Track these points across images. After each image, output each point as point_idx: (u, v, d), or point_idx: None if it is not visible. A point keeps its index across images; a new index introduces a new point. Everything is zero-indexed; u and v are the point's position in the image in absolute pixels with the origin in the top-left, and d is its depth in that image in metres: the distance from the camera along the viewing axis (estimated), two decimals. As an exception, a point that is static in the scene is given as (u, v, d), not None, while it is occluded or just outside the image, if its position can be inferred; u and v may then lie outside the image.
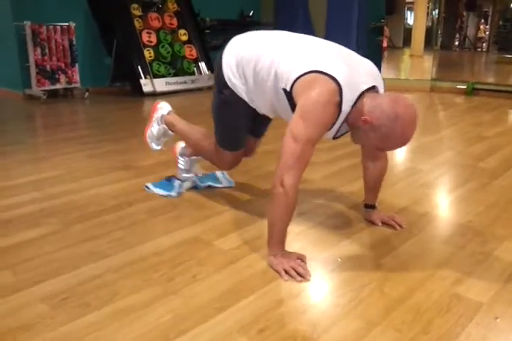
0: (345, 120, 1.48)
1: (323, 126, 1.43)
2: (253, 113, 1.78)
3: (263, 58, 1.59)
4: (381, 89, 1.52)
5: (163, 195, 2.08)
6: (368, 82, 1.47)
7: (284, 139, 1.43)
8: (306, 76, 1.45)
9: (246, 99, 1.71)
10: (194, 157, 2.17)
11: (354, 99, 1.43)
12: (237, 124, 1.84)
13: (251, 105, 1.73)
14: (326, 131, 1.46)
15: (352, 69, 1.47)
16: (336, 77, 1.41)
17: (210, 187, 2.18)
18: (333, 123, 1.46)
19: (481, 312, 1.25)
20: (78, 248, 1.60)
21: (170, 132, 2.13)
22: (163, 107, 2.16)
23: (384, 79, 1.57)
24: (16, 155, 2.72)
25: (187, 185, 2.16)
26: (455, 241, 1.68)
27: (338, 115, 1.44)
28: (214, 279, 1.41)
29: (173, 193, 2.07)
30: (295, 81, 1.47)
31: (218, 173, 2.30)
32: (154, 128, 2.15)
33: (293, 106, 1.49)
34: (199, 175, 2.22)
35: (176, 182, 2.15)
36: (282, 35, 1.67)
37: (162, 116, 2.13)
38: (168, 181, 2.20)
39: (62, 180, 2.29)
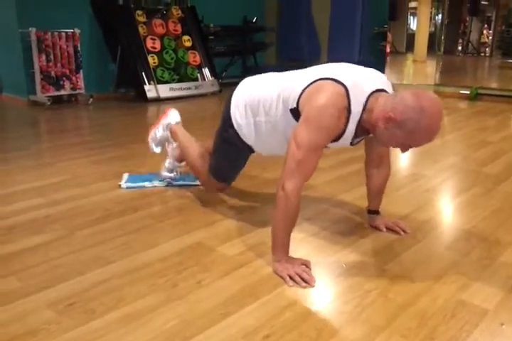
0: (360, 124, 1.46)
1: (328, 132, 1.42)
2: (251, 153, 1.84)
3: (270, 94, 1.62)
4: (390, 92, 1.51)
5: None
6: (376, 84, 1.46)
7: (288, 144, 1.44)
8: (310, 86, 1.46)
9: (248, 141, 1.76)
10: (181, 163, 2.24)
11: (364, 100, 1.42)
12: (233, 162, 1.91)
13: (254, 148, 1.79)
14: (331, 136, 1.44)
15: (358, 74, 1.48)
16: (341, 80, 1.41)
17: (182, 186, 2.24)
18: (344, 128, 1.45)
19: (487, 319, 1.25)
20: (83, 254, 1.61)
21: (171, 140, 2.19)
22: (173, 116, 2.22)
23: (410, 89, 1.56)
24: (20, 161, 2.74)
25: (162, 183, 2.26)
26: (460, 246, 1.68)
27: (348, 119, 1.43)
28: (219, 285, 1.42)
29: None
30: (301, 94, 1.47)
31: None
32: (159, 132, 2.22)
33: None
34: (177, 176, 2.28)
35: (147, 179, 2.29)
36: (290, 72, 1.69)
37: (169, 124, 2.19)
38: (143, 176, 2.34)
39: (66, 186, 2.30)
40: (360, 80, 1.45)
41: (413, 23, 6.96)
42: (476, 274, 1.48)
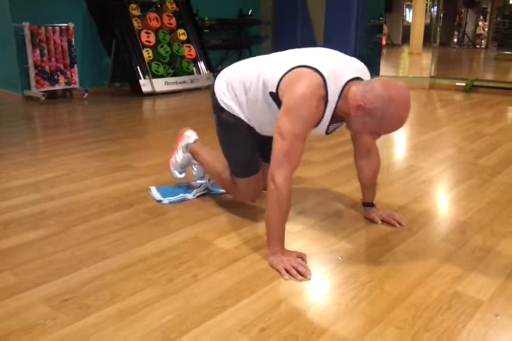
0: (335, 112, 1.48)
1: (309, 121, 1.43)
2: (256, 134, 1.79)
3: (250, 74, 1.63)
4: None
5: (155, 200, 2.03)
6: (352, 72, 1.48)
7: (273, 136, 1.45)
8: (289, 73, 1.47)
9: (243, 117, 1.73)
10: None
11: (340, 89, 1.44)
12: (242, 147, 1.81)
13: (249, 124, 1.74)
14: (312, 125, 1.46)
15: (336, 63, 1.49)
16: (319, 69, 1.42)
17: (223, 193, 2.10)
18: (321, 117, 1.47)
19: (482, 310, 1.25)
20: (79, 249, 1.61)
21: (194, 161, 2.08)
22: (190, 136, 2.12)
23: (383, 77, 1.57)
24: (15, 157, 2.72)
25: (199, 191, 2.10)
26: (455, 238, 1.68)
27: (325, 107, 1.45)
28: (215, 279, 1.42)
29: (165, 200, 2.02)
30: (280, 80, 1.49)
31: None
32: (179, 156, 2.11)
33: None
34: (211, 181, 2.14)
35: (182, 191, 2.10)
36: (268, 55, 1.69)
37: (188, 144, 2.09)
38: (174, 188, 2.15)
39: (62, 181, 2.29)
40: (337, 68, 1.46)
41: (409, 15, 6.93)
42: (471, 266, 1.48)
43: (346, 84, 1.44)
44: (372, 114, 1.39)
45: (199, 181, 2.11)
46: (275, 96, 1.52)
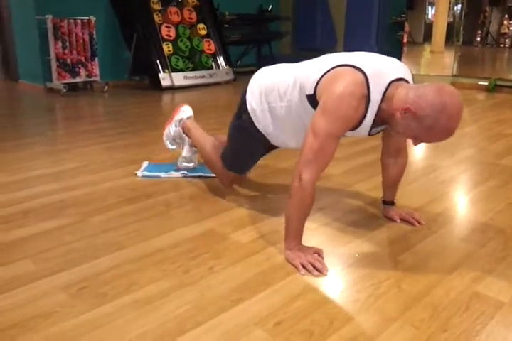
0: (379, 112, 1.42)
1: (345, 120, 1.39)
2: (267, 143, 1.81)
3: (285, 79, 1.62)
4: (411, 82, 1.48)
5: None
6: (396, 73, 1.43)
7: (306, 133, 1.43)
8: (329, 72, 1.43)
9: (261, 128, 1.75)
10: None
11: (384, 89, 1.39)
12: (247, 150, 1.89)
13: (266, 136, 1.77)
14: (350, 125, 1.42)
15: (378, 62, 1.45)
16: (362, 67, 1.38)
17: (200, 177, 2.22)
18: (363, 117, 1.42)
19: (503, 311, 1.23)
20: (96, 239, 1.62)
21: (184, 136, 2.18)
22: (186, 111, 2.21)
23: (435, 82, 1.52)
24: (36, 147, 2.76)
25: (177, 172, 2.24)
26: (475, 238, 1.65)
27: (367, 107, 1.40)
28: (231, 272, 1.42)
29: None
30: (318, 81, 1.45)
31: None
32: (172, 129, 2.22)
33: None
34: (195, 166, 2.25)
35: (166, 169, 2.27)
36: (305, 61, 1.66)
37: (181, 119, 2.19)
38: (163, 165, 2.33)
39: (81, 172, 2.31)
40: (380, 68, 1.42)
41: (431, 13, 6.82)
42: (491, 266, 1.45)
43: (390, 83, 1.39)
44: (421, 121, 1.33)
45: (184, 164, 2.24)
46: (312, 99, 1.48)
